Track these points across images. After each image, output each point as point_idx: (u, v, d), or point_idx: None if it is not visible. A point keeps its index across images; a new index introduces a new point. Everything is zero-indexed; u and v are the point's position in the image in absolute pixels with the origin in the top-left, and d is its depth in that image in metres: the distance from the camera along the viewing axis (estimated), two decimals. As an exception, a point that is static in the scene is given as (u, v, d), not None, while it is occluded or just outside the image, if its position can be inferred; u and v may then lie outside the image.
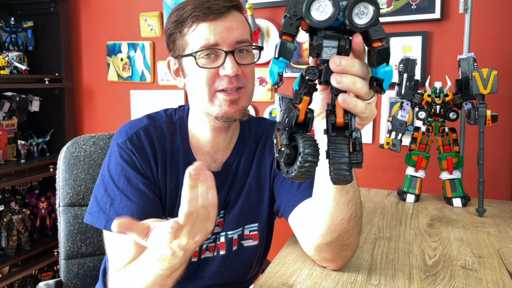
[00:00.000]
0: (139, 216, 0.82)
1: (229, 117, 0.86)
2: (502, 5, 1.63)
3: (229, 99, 0.85)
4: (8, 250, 2.13)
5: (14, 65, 2.23)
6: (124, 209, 0.83)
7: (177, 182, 0.90)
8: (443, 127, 1.34)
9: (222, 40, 0.83)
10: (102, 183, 0.87)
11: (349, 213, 0.74)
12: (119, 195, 0.84)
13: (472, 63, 1.26)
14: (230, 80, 0.84)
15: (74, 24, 2.51)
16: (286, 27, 0.48)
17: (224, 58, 0.83)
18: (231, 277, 0.97)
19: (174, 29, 0.87)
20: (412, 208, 1.31)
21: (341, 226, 0.75)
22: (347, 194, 0.72)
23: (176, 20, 0.86)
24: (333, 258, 0.83)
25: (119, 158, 0.87)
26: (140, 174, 0.87)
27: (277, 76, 0.50)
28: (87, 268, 1.17)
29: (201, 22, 0.83)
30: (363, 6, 0.46)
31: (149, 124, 0.92)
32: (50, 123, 2.49)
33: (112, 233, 0.82)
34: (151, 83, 2.32)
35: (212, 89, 0.85)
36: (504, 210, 1.28)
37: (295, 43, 0.50)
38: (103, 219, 0.83)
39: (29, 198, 2.36)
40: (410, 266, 0.87)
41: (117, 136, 0.91)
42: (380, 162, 1.85)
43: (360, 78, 0.49)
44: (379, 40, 0.48)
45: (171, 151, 0.91)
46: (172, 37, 0.88)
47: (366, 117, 0.52)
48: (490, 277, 0.82)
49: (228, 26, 0.83)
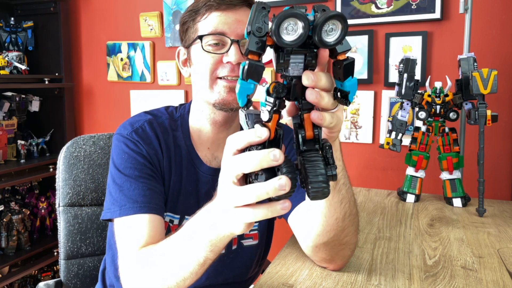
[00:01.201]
0: (151, 195, 0.82)
1: (226, 104, 0.87)
2: (502, 5, 1.63)
3: (228, 86, 0.86)
4: (8, 250, 2.13)
5: (14, 65, 2.23)
6: (134, 191, 0.82)
7: (180, 176, 0.91)
8: (443, 127, 1.34)
9: (230, 30, 0.85)
10: (111, 176, 0.87)
11: (342, 212, 0.74)
12: (127, 181, 0.84)
13: (472, 63, 1.26)
14: (233, 68, 0.86)
15: (74, 24, 2.51)
16: (252, 45, 0.46)
17: (229, 46, 0.85)
18: (231, 277, 0.97)
19: (188, 17, 0.90)
20: (412, 208, 1.31)
21: (336, 226, 0.75)
22: (339, 193, 0.72)
23: (191, 9, 0.89)
24: (331, 258, 0.83)
25: (124, 147, 0.87)
26: (147, 161, 0.87)
27: (246, 99, 0.48)
28: (87, 268, 1.16)
29: (213, 11, 0.86)
30: (332, 23, 0.44)
31: (153, 119, 0.93)
32: (50, 123, 2.49)
33: (125, 218, 0.81)
34: (151, 83, 2.32)
35: (214, 75, 0.87)
36: (504, 210, 1.28)
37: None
38: (116, 208, 0.82)
39: (29, 198, 2.35)
40: (410, 266, 0.87)
41: (121, 130, 0.91)
42: (380, 162, 1.85)
43: (326, 91, 0.49)
44: (343, 53, 0.48)
45: (174, 146, 0.92)
46: (186, 25, 0.91)
47: (335, 126, 0.52)
48: (490, 277, 0.82)
49: (238, 19, 0.86)
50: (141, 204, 0.81)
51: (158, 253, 0.73)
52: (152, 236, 0.79)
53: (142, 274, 0.73)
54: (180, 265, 0.68)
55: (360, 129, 1.86)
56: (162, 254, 0.71)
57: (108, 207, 0.85)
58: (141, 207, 0.81)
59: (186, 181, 0.91)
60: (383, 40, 1.81)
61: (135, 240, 0.78)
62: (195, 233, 0.64)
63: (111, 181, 0.86)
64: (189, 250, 0.66)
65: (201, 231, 0.63)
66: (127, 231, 0.81)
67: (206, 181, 0.93)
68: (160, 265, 0.71)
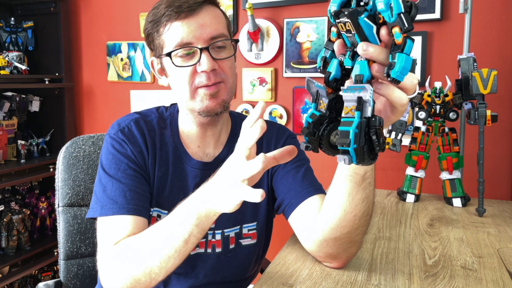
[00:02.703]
0: (131, 196, 0.84)
1: (210, 110, 0.87)
2: (502, 5, 1.63)
3: (209, 93, 0.86)
4: (8, 250, 2.13)
5: (14, 65, 2.23)
6: (116, 191, 0.84)
7: (166, 172, 0.92)
8: (443, 127, 1.34)
9: (196, 38, 0.84)
10: (98, 176, 0.89)
11: (362, 210, 0.75)
12: (110, 181, 0.85)
13: (472, 63, 1.26)
14: (208, 76, 0.85)
15: (74, 24, 2.51)
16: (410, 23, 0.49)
17: (200, 55, 0.84)
18: (229, 275, 0.97)
19: (151, 29, 0.89)
20: (412, 208, 1.31)
21: (352, 222, 0.76)
22: (363, 191, 0.74)
23: (152, 20, 0.88)
24: (337, 254, 0.83)
25: (110, 148, 0.89)
26: (132, 162, 0.88)
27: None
28: (86, 269, 1.16)
29: (174, 21, 0.84)
30: None
31: (140, 118, 0.94)
32: (50, 123, 2.49)
33: (106, 218, 0.83)
34: (151, 83, 2.32)
35: (193, 86, 0.86)
36: (504, 210, 1.28)
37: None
38: (98, 207, 0.84)
39: (29, 198, 2.36)
40: (410, 266, 0.87)
41: (109, 130, 0.93)
42: (380, 162, 1.85)
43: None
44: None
45: (161, 144, 0.93)
46: (150, 37, 0.90)
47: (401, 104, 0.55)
48: (490, 277, 0.82)
49: (201, 23, 0.84)
50: (120, 205, 0.83)
51: (141, 237, 0.77)
52: (133, 233, 0.80)
53: (122, 262, 0.76)
54: (163, 241, 0.72)
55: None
56: (146, 235, 0.76)
57: (92, 206, 0.87)
58: (120, 208, 0.82)
59: (173, 176, 0.92)
60: (383, 40, 1.81)
61: (113, 236, 0.80)
62: (182, 208, 0.72)
63: (98, 181, 0.88)
64: (174, 225, 0.72)
65: (191, 205, 0.71)
66: (106, 229, 0.83)
67: (195, 175, 0.93)
68: (143, 246, 0.75)
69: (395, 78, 0.49)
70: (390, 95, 0.54)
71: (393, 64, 0.49)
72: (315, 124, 0.55)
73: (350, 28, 0.51)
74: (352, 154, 0.49)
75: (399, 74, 0.49)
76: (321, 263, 0.88)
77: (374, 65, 0.52)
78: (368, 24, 0.50)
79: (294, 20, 1.99)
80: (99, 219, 0.85)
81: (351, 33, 0.51)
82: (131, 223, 0.82)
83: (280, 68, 2.03)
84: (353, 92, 0.51)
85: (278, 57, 2.04)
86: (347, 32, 0.52)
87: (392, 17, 0.48)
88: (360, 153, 0.49)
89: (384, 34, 0.50)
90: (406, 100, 0.55)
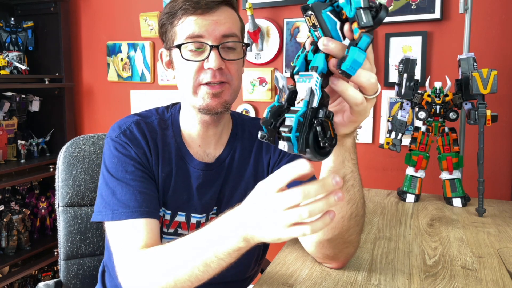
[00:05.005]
0: (142, 199, 0.83)
1: (211, 109, 0.87)
2: (502, 5, 1.63)
3: (211, 92, 0.86)
4: (8, 250, 2.13)
5: (14, 65, 2.23)
6: (126, 195, 0.83)
7: (169, 173, 0.92)
8: (443, 127, 1.34)
9: (208, 33, 0.84)
10: (103, 179, 0.88)
11: (349, 212, 0.75)
12: (119, 185, 0.85)
13: (472, 63, 1.26)
14: (214, 74, 0.85)
15: (74, 24, 2.51)
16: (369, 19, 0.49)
17: (209, 52, 0.84)
18: (229, 275, 0.97)
19: (166, 20, 0.89)
20: (412, 208, 1.31)
21: (341, 224, 0.76)
22: (347, 193, 0.73)
23: (168, 11, 0.88)
24: (334, 255, 0.83)
25: (114, 151, 0.88)
26: (137, 163, 0.88)
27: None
28: (86, 269, 1.16)
29: (189, 15, 0.85)
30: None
31: (140, 119, 0.94)
32: (50, 123, 2.49)
33: (118, 222, 0.82)
34: (151, 83, 2.32)
35: (197, 82, 0.86)
36: (504, 210, 1.28)
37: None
38: (109, 211, 0.83)
39: (29, 198, 2.35)
40: (410, 266, 0.87)
41: (110, 133, 0.92)
42: (380, 162, 1.85)
43: None
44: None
45: (163, 144, 0.93)
46: (164, 27, 0.91)
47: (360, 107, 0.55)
48: (490, 277, 0.82)
49: (215, 20, 0.85)
50: (132, 209, 0.82)
51: (161, 251, 0.75)
52: (150, 237, 0.80)
53: (144, 272, 0.74)
54: (180, 265, 0.70)
55: (360, 129, 1.85)
56: (167, 252, 0.73)
57: (99, 209, 0.85)
58: (132, 212, 0.82)
59: (177, 177, 0.92)
60: (383, 40, 1.81)
61: (133, 242, 0.79)
62: (222, 227, 0.69)
63: (104, 184, 0.87)
64: (194, 252, 0.70)
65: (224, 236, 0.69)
66: (123, 234, 0.82)
67: (197, 176, 0.93)
68: (162, 263, 0.73)
69: (345, 71, 0.49)
70: (344, 92, 0.54)
71: (345, 57, 0.49)
72: (273, 114, 0.55)
73: (315, 22, 0.51)
74: (293, 141, 0.49)
75: (349, 67, 0.49)
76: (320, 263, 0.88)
77: (332, 60, 0.52)
78: (331, 19, 0.51)
79: (294, 20, 1.99)
80: (111, 223, 0.83)
81: (316, 27, 0.52)
82: (144, 227, 0.81)
83: (280, 68, 2.03)
84: (304, 82, 0.52)
85: (278, 57, 2.04)
86: (313, 27, 0.52)
87: (351, 11, 0.48)
88: (302, 143, 0.49)
89: (347, 30, 0.50)
90: (360, 100, 0.55)
